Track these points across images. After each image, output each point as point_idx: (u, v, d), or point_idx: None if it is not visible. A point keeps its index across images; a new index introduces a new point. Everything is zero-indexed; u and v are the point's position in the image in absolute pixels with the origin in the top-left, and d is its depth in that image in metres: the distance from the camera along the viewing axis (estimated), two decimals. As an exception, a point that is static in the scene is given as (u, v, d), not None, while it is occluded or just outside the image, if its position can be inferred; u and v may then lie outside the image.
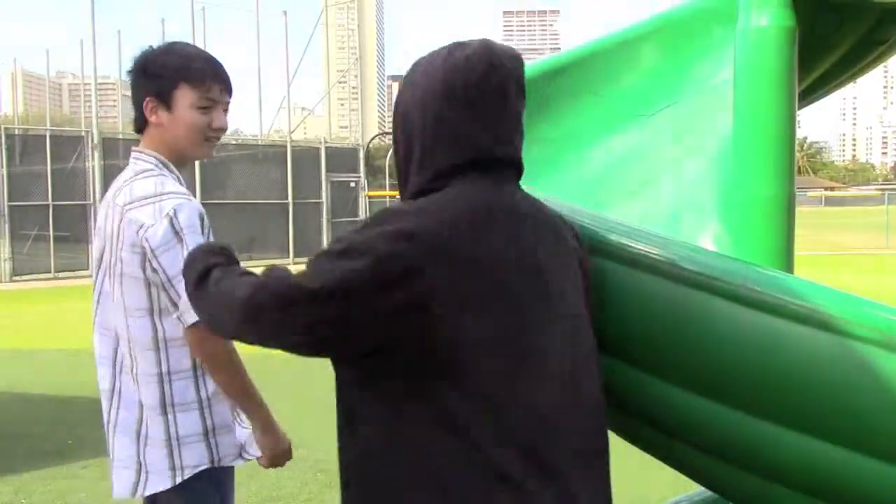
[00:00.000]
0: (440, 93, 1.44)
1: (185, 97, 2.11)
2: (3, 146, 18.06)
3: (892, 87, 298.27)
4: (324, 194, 22.20)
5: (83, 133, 19.86)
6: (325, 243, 22.29)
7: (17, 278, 18.40)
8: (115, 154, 18.83)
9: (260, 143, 23.94)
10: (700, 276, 1.50)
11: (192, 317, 1.97)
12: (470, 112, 1.44)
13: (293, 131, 23.80)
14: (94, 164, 18.89)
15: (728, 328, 1.48)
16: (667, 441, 1.70)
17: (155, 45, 2.20)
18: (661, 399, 1.61)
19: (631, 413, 1.74)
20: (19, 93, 33.38)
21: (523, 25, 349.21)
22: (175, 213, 2.02)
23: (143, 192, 2.07)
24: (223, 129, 2.20)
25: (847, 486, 1.42)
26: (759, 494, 1.57)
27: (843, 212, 46.08)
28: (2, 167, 17.91)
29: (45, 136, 19.27)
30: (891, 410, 1.35)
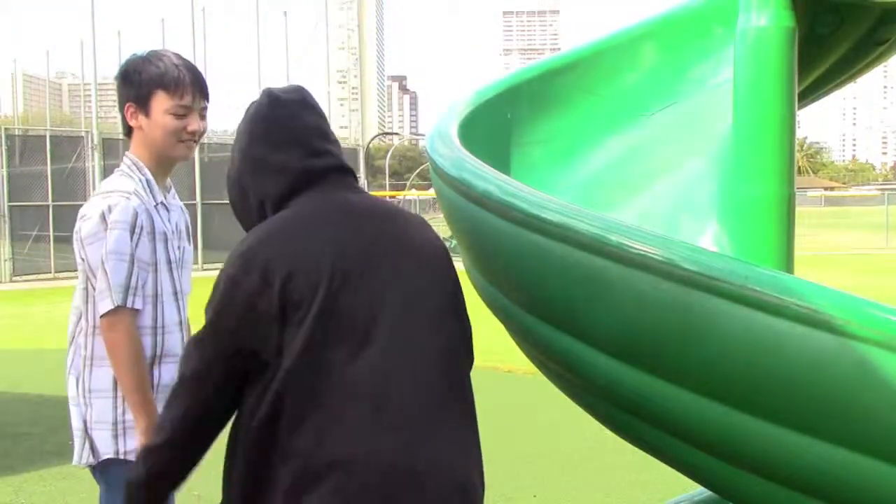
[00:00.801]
0: (247, 141, 1.70)
1: (160, 103, 2.25)
2: (4, 146, 18.07)
3: (892, 87, 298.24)
4: (324, 194, 22.18)
5: (83, 133, 19.87)
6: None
7: (17, 278, 18.41)
8: (115, 154, 18.82)
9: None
10: (700, 276, 1.50)
11: (104, 306, 2.15)
12: (272, 145, 1.68)
13: (293, 131, 23.74)
14: (94, 164, 18.90)
15: (728, 328, 1.48)
16: (667, 440, 1.70)
17: (139, 53, 2.33)
18: (662, 399, 1.61)
19: (631, 413, 1.74)
20: (19, 93, 33.37)
21: (523, 25, 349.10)
22: (109, 209, 2.18)
23: (100, 188, 2.28)
24: (200, 132, 2.32)
25: (847, 486, 1.42)
26: (760, 494, 1.57)
27: (843, 212, 46.06)
28: (2, 167, 17.92)
29: (45, 136, 19.28)
30: (891, 410, 1.35)
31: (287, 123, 1.69)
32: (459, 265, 1.85)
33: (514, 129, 2.51)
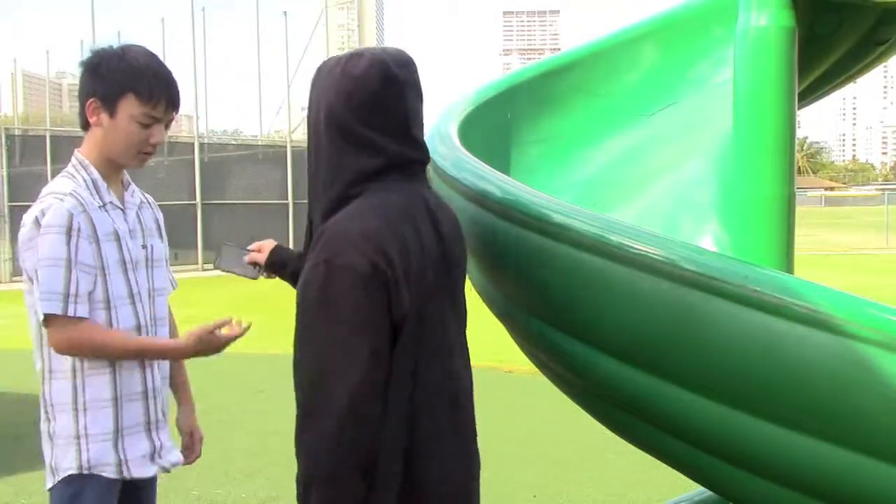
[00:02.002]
0: (345, 109, 1.56)
1: (129, 107, 2.08)
2: (4, 146, 18.07)
3: (892, 87, 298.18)
4: (324, 194, 22.15)
5: (83, 134, 19.85)
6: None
7: (17, 278, 18.40)
8: (114, 154, 18.82)
9: (260, 143, 23.93)
10: (700, 276, 1.50)
11: (42, 308, 2.02)
12: (373, 121, 1.56)
13: (293, 131, 23.79)
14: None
15: (728, 328, 1.48)
16: (667, 441, 1.70)
17: (112, 46, 2.15)
18: (662, 399, 1.61)
19: (631, 413, 1.74)
20: (19, 93, 33.36)
21: (523, 25, 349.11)
22: (42, 213, 2.04)
23: (42, 192, 2.12)
24: (160, 144, 2.18)
25: (847, 486, 1.42)
26: (760, 494, 1.57)
27: (843, 212, 46.05)
28: (2, 167, 17.92)
29: (45, 136, 19.26)
30: (891, 410, 1.35)
31: (395, 105, 1.59)
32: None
33: (513, 129, 2.51)
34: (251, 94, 23.40)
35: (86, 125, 2.15)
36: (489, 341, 7.63)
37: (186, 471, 2.53)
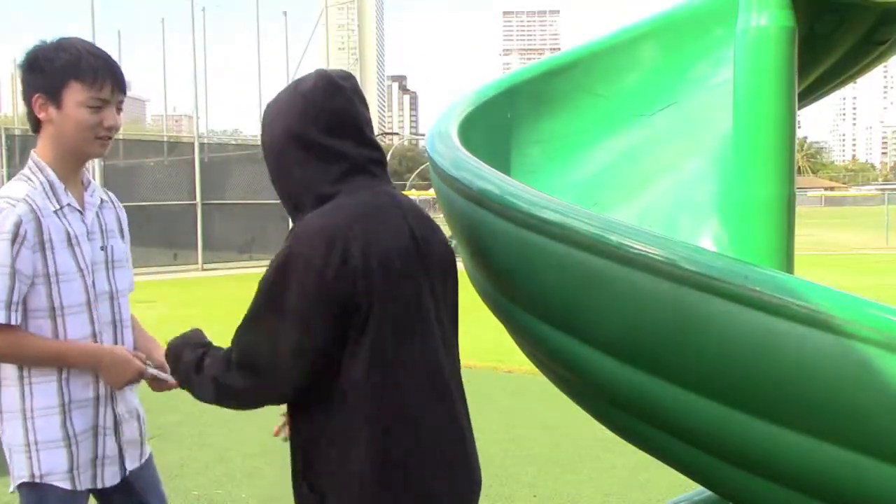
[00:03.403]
0: (299, 122, 1.69)
1: (74, 95, 2.05)
2: (4, 146, 18.07)
3: (892, 87, 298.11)
4: (324, 194, 22.15)
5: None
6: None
7: (17, 278, 18.38)
8: (113, 154, 18.83)
9: (260, 143, 23.91)
10: (700, 276, 1.50)
11: None
12: (328, 131, 1.68)
13: (293, 131, 23.72)
14: (92, 163, 18.89)
15: (728, 328, 1.48)
16: (667, 441, 1.70)
17: (46, 40, 2.13)
18: (661, 399, 1.61)
19: (631, 412, 1.74)
20: (19, 93, 33.34)
21: (523, 25, 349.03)
22: None
23: None
24: (115, 128, 2.12)
25: (847, 486, 1.42)
26: (760, 494, 1.57)
27: (843, 212, 46.05)
28: (2, 167, 17.92)
29: (44, 136, 19.25)
30: (891, 410, 1.34)
31: (345, 111, 1.71)
32: (460, 265, 1.86)
33: (513, 129, 2.51)
34: (251, 94, 23.37)
35: (37, 125, 2.11)
36: (489, 341, 7.63)
37: (186, 471, 2.51)
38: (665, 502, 2.76)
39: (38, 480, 2.07)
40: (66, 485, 2.08)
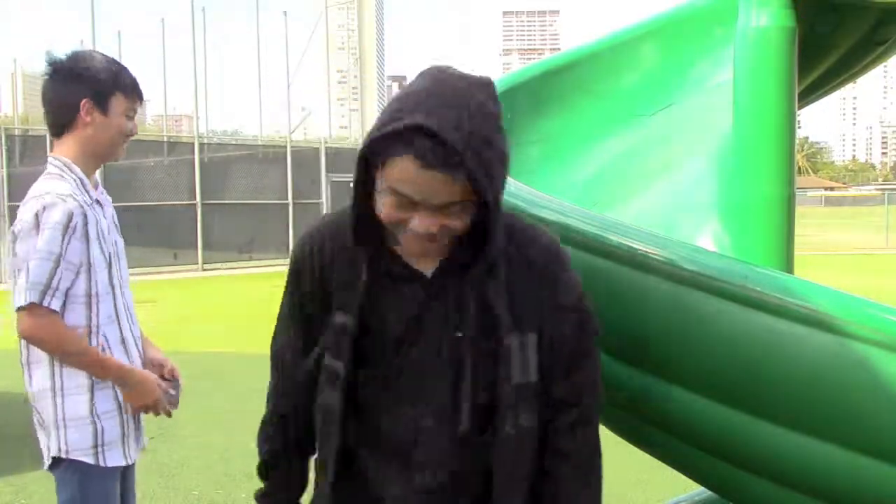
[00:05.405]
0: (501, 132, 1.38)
1: (119, 105, 2.32)
2: (4, 146, 18.07)
3: (892, 87, 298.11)
4: (324, 194, 22.16)
5: (83, 133, 19.79)
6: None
7: (17, 278, 18.37)
8: (115, 154, 18.81)
9: (260, 143, 23.93)
10: (700, 276, 1.50)
11: (18, 300, 2.16)
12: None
13: (293, 131, 23.79)
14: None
15: (728, 328, 1.48)
16: (667, 441, 1.70)
17: (68, 52, 2.37)
18: (661, 399, 1.61)
19: (631, 413, 1.74)
20: (19, 93, 33.37)
21: (523, 25, 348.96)
22: (43, 209, 2.18)
23: (33, 191, 2.26)
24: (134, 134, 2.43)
25: (847, 486, 1.42)
26: (760, 494, 1.57)
27: (843, 212, 46.07)
28: (2, 167, 17.92)
29: (45, 136, 19.21)
30: (891, 410, 1.34)
31: None
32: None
33: (513, 129, 2.51)
34: (251, 94, 23.40)
35: (62, 128, 2.32)
36: (489, 341, 7.61)
37: (186, 471, 2.53)
38: (665, 502, 2.75)
39: (62, 455, 2.23)
40: (88, 458, 2.26)
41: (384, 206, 1.36)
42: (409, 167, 1.31)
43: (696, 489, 2.38)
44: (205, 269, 19.21)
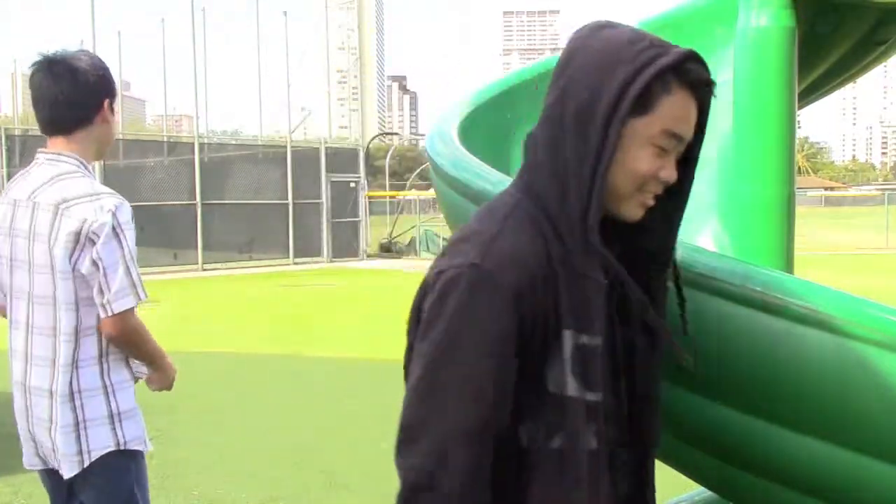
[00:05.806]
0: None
1: (113, 104, 2.43)
2: (4, 146, 18.07)
3: (892, 87, 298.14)
4: (324, 194, 22.18)
5: (83, 133, 19.80)
6: (325, 243, 22.44)
7: (17, 278, 18.37)
8: (113, 154, 18.83)
9: (260, 143, 23.94)
10: (700, 276, 1.50)
11: (120, 305, 2.23)
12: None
13: (293, 131, 23.79)
14: (93, 163, 18.89)
15: (728, 328, 1.48)
16: (667, 441, 1.69)
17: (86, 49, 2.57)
18: (661, 400, 1.61)
19: (631, 413, 1.74)
20: (19, 93, 33.38)
21: (523, 25, 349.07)
22: (116, 209, 2.25)
23: (78, 191, 2.27)
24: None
25: (848, 487, 1.42)
26: (760, 494, 1.57)
27: (843, 212, 46.06)
28: (2, 167, 17.92)
29: (44, 136, 19.26)
30: (891, 410, 1.34)
31: None
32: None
33: (513, 129, 2.51)
34: (251, 94, 23.39)
35: (75, 126, 2.34)
36: (489, 341, 7.61)
37: (186, 471, 2.54)
38: (665, 502, 2.75)
39: (121, 447, 2.32)
40: (142, 447, 2.39)
41: (643, 162, 1.17)
42: (688, 101, 1.15)
43: (696, 489, 2.38)
44: (205, 269, 19.22)
